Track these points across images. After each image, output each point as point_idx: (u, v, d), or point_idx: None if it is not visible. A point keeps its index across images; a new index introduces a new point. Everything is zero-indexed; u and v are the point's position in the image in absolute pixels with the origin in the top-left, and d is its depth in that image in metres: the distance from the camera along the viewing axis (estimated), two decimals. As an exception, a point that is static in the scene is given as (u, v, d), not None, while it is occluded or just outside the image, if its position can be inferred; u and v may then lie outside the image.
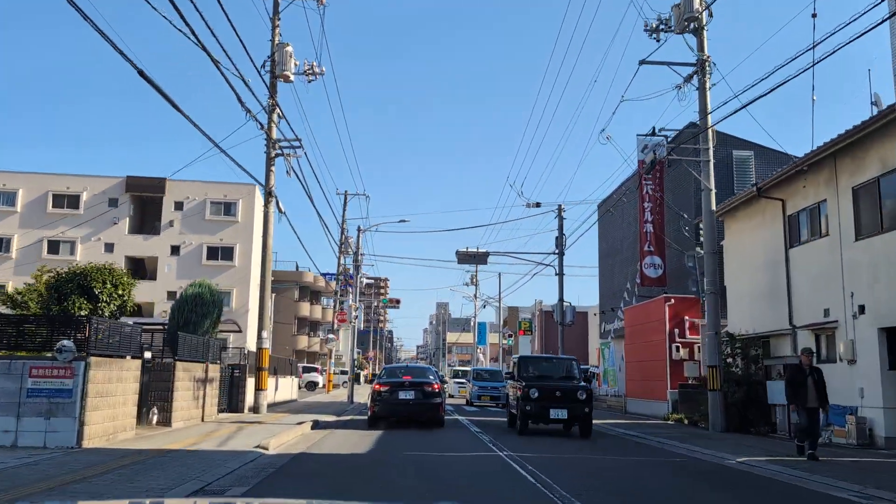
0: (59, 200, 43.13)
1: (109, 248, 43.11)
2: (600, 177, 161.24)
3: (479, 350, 74.12)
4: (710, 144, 19.25)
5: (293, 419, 18.47)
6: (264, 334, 20.91)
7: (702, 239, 22.40)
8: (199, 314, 18.11)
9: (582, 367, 49.02)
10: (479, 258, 26.38)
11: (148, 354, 14.77)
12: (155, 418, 14.78)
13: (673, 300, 21.72)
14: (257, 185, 35.77)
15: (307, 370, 47.29)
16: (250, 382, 20.93)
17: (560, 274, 26.40)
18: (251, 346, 23.80)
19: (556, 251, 26.68)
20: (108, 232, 43.14)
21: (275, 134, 20.91)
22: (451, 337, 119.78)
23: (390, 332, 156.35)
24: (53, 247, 42.57)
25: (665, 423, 20.53)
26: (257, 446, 11.97)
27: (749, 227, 19.77)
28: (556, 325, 61.51)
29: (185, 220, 43.90)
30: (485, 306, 57.96)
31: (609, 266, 32.15)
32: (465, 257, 26.35)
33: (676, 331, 21.77)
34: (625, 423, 20.54)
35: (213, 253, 43.91)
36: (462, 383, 34.94)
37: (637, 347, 24.61)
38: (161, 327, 18.00)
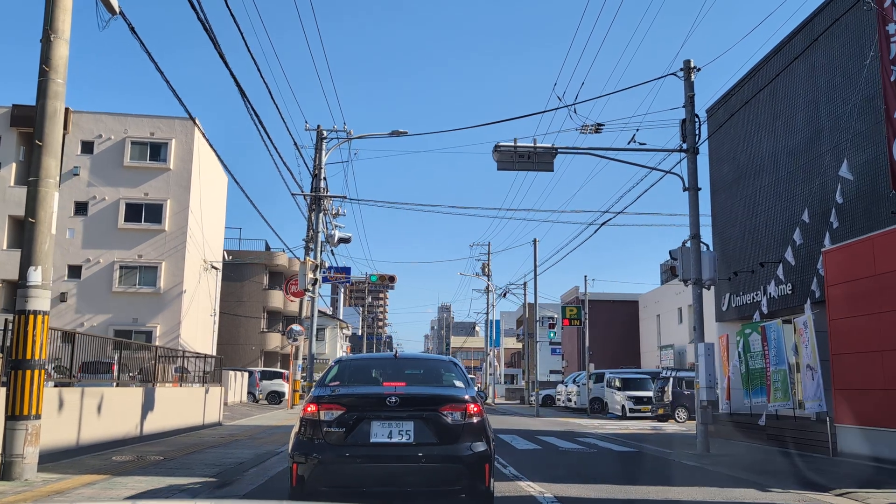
0: (-83, 139, 30.79)
1: (-13, 204, 30.75)
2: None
3: (492, 353, 61.64)
4: None
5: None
6: (34, 276, 8.54)
7: None
8: None
9: (646, 371, 36.62)
10: (535, 159, 13.88)
11: None
12: None
13: None
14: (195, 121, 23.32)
15: (269, 376, 35.03)
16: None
17: (692, 188, 13.88)
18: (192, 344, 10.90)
19: (683, 146, 14.17)
20: (-14, 182, 30.73)
21: None
22: (456, 342, 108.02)
23: (389, 337, 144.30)
24: None
25: None
26: None
27: None
28: (604, 317, 48.84)
29: (95, 167, 31.48)
30: (505, 294, 45.40)
31: (738, 199, 19.53)
32: (509, 158, 13.88)
33: None
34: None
35: (134, 212, 31.52)
36: None
37: (871, 324, 12.13)
38: None
